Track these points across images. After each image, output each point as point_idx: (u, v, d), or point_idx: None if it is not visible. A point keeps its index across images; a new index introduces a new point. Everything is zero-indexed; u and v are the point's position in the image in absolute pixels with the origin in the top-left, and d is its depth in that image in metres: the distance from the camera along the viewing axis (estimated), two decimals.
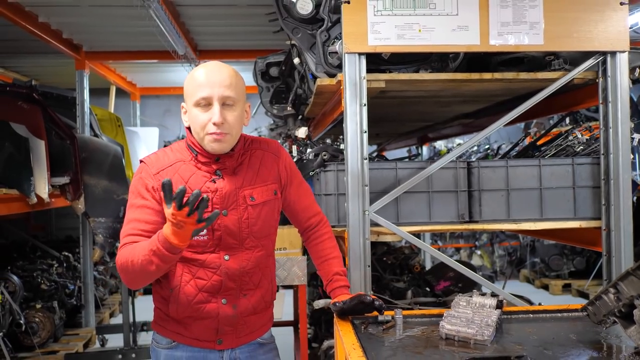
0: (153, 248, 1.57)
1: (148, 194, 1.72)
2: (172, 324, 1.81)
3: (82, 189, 4.40)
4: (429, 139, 5.98)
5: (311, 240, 2.01)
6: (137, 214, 1.71)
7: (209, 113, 1.69)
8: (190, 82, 1.73)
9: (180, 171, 1.75)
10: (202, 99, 1.69)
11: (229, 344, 1.82)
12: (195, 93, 1.70)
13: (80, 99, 5.36)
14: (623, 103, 2.50)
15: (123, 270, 1.67)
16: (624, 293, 1.43)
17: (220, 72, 1.72)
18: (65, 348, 4.69)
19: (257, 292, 1.83)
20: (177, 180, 1.71)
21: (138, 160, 6.56)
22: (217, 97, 1.69)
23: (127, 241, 1.68)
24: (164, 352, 1.83)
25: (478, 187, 2.64)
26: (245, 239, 1.78)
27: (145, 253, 1.59)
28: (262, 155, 1.86)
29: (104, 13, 4.42)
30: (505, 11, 2.42)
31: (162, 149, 1.85)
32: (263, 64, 3.74)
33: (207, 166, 1.76)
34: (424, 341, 1.68)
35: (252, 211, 1.78)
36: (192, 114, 1.72)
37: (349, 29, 2.35)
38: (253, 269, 1.80)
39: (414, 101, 3.18)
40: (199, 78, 1.71)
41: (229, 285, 1.76)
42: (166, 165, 1.75)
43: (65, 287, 5.15)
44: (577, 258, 6.80)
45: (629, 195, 2.51)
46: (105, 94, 7.25)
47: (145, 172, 1.75)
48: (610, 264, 2.53)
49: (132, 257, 1.62)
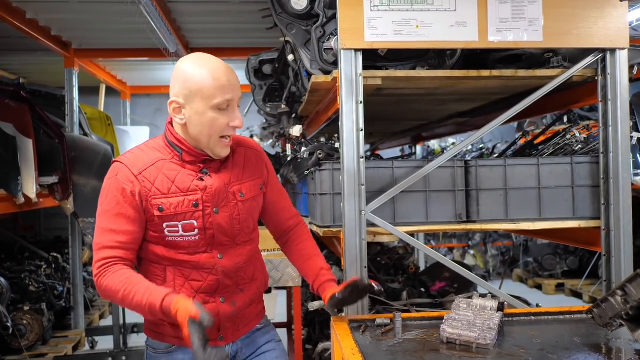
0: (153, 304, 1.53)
1: (124, 200, 1.62)
2: (169, 329, 1.74)
3: (71, 188, 4.33)
4: (423, 138, 5.95)
5: (292, 240, 1.96)
6: (112, 223, 1.62)
7: (228, 116, 1.64)
8: (209, 80, 1.61)
9: (164, 170, 1.66)
10: (226, 102, 1.62)
11: (229, 339, 1.79)
12: (216, 95, 1.61)
13: (69, 97, 5.27)
14: (623, 101, 2.47)
15: (107, 294, 1.61)
16: (632, 295, 1.39)
17: (232, 72, 1.67)
18: (54, 351, 4.61)
19: (253, 285, 1.82)
20: (162, 180, 1.64)
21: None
22: (237, 99, 1.65)
23: (105, 255, 1.60)
24: (163, 357, 1.77)
25: (476, 186, 2.59)
26: (237, 235, 1.74)
27: (142, 301, 1.55)
28: (245, 152, 1.83)
29: (93, 10, 4.34)
30: (504, 7, 2.38)
31: (137, 147, 1.74)
32: (256, 61, 3.68)
33: (192, 165, 1.69)
34: (425, 345, 1.63)
35: (242, 207, 1.75)
36: (207, 117, 1.62)
37: (345, 24, 2.30)
38: (246, 264, 1.78)
39: (410, 99, 3.14)
40: (220, 79, 1.62)
41: (226, 283, 1.73)
42: (147, 165, 1.66)
43: (54, 289, 5.06)
44: (570, 257, 6.80)
45: (628, 195, 2.48)
46: (95, 92, 7.16)
47: (123, 175, 1.64)
48: (610, 264, 2.49)
49: (124, 291, 1.56)
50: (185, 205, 1.64)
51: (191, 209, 1.65)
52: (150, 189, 1.63)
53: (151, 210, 1.63)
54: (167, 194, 1.64)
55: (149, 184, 1.63)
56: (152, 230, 1.66)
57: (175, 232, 1.65)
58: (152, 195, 1.63)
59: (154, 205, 1.63)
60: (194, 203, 1.65)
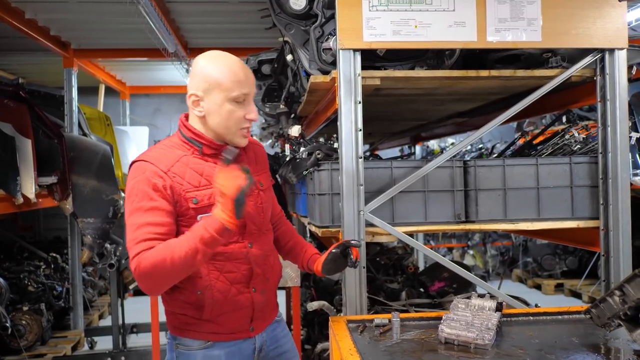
0: (203, 236, 1.55)
1: (157, 194, 1.64)
2: (204, 326, 1.76)
3: (70, 188, 4.33)
4: (422, 138, 5.94)
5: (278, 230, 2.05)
6: (149, 218, 1.61)
7: (244, 109, 1.72)
8: (227, 74, 1.69)
9: (191, 165, 1.71)
10: (243, 95, 1.70)
11: (258, 329, 1.85)
12: (234, 88, 1.69)
13: (68, 97, 5.27)
14: (621, 101, 2.46)
15: (154, 273, 1.56)
16: (630, 296, 1.39)
17: (247, 68, 1.76)
18: (53, 351, 4.61)
19: (274, 273, 1.89)
20: (192, 174, 1.70)
21: (128, 160, 6.48)
22: (252, 94, 1.75)
23: (143, 247, 1.57)
24: (200, 353, 1.76)
25: (474, 186, 2.59)
26: (262, 223, 1.84)
27: (190, 245, 1.55)
28: (253, 148, 1.93)
29: (92, 10, 4.34)
30: (502, 7, 2.38)
31: (156, 147, 1.78)
32: (255, 61, 3.68)
33: (213, 157, 1.75)
34: (423, 345, 1.63)
35: (263, 196, 1.86)
36: (225, 109, 1.70)
37: (344, 24, 2.30)
38: (270, 252, 1.88)
39: (408, 99, 3.13)
40: (238, 74, 1.70)
41: (257, 271, 1.79)
42: (173, 162, 1.70)
43: (53, 289, 5.06)
44: (569, 258, 6.80)
45: (627, 195, 2.48)
46: (94, 92, 7.15)
47: (152, 171, 1.66)
48: (609, 265, 2.49)
49: (171, 254, 1.55)
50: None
51: None
52: (182, 183, 1.67)
53: (185, 204, 1.67)
54: (198, 187, 1.69)
55: (180, 179, 1.67)
56: (185, 224, 1.67)
57: None
58: (185, 190, 1.67)
59: (189, 198, 1.67)
60: None
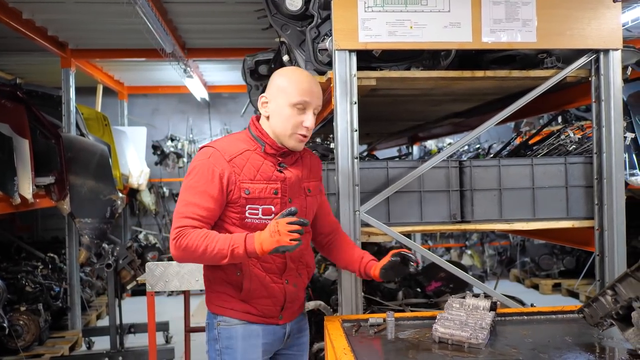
0: (235, 248, 1.73)
1: (212, 181, 1.81)
2: (240, 305, 1.93)
3: (68, 189, 4.33)
4: (420, 139, 5.96)
5: (334, 240, 2.15)
6: (197, 199, 1.81)
7: (303, 116, 1.88)
8: (293, 83, 1.87)
9: (250, 160, 1.88)
10: (303, 103, 1.86)
11: (287, 319, 2.00)
12: (297, 95, 1.86)
13: (66, 97, 5.28)
14: (616, 101, 2.48)
15: (187, 251, 1.76)
16: (622, 295, 1.40)
17: (317, 84, 1.93)
18: (51, 351, 4.61)
19: (306, 270, 2.03)
20: (249, 168, 1.86)
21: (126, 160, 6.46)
22: (315, 106, 1.90)
23: (185, 223, 1.78)
24: (240, 327, 1.94)
25: (470, 186, 2.60)
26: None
27: (223, 248, 1.74)
28: (310, 157, 2.07)
29: (90, 10, 4.34)
30: (497, 8, 2.39)
31: (225, 138, 1.96)
32: (252, 62, 3.68)
33: (272, 157, 1.91)
34: (417, 345, 1.64)
35: (309, 200, 2.00)
36: (285, 112, 1.87)
37: (339, 25, 2.31)
38: (306, 251, 2.02)
39: (405, 100, 3.14)
40: (304, 83, 1.88)
41: (291, 266, 1.95)
42: (237, 153, 1.87)
43: (51, 289, 5.06)
44: (567, 257, 6.81)
45: (622, 195, 2.49)
46: (92, 92, 7.14)
47: (215, 158, 1.84)
48: (603, 264, 2.50)
49: (205, 245, 1.74)
50: (267, 191, 1.87)
51: (272, 195, 1.87)
52: (240, 174, 1.84)
53: (238, 193, 1.83)
54: (252, 180, 1.86)
55: (239, 170, 1.84)
56: (234, 211, 1.86)
57: (255, 214, 1.86)
58: (240, 180, 1.84)
59: (242, 188, 1.84)
60: (274, 191, 1.88)
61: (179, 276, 2.76)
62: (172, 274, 2.75)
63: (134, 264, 4.38)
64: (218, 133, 8.39)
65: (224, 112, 8.53)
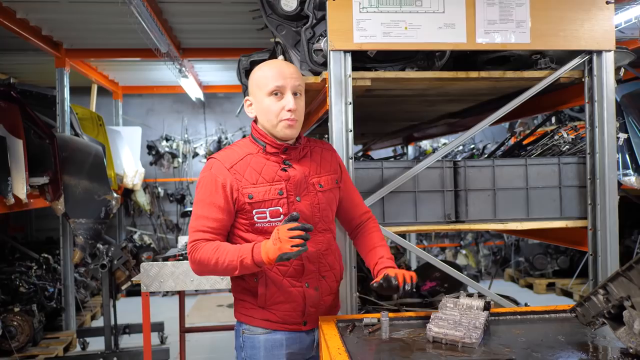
0: (243, 259, 1.73)
1: (217, 191, 1.83)
2: (259, 312, 1.91)
3: (62, 189, 4.32)
4: (415, 139, 5.97)
5: (360, 233, 2.09)
6: (205, 211, 1.84)
7: (282, 101, 1.85)
8: (262, 75, 1.88)
9: (252, 163, 1.87)
10: (276, 88, 1.84)
11: (313, 324, 1.95)
12: (268, 83, 1.85)
13: (60, 97, 5.26)
14: (609, 102, 2.49)
15: (201, 265, 1.81)
16: (614, 294, 1.41)
17: (288, 66, 1.90)
18: (45, 352, 4.59)
19: (331, 273, 1.97)
20: (251, 172, 1.85)
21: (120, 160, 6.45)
22: (290, 86, 1.85)
23: (197, 237, 1.82)
24: (263, 337, 1.92)
25: (464, 186, 2.62)
26: (317, 222, 1.92)
27: (233, 259, 1.75)
28: (321, 150, 2.02)
29: (84, 9, 4.33)
30: (491, 9, 2.40)
31: (229, 147, 1.97)
32: (247, 62, 3.67)
33: (275, 156, 1.90)
34: (411, 344, 1.64)
35: (321, 196, 1.93)
36: (265, 104, 1.86)
37: (334, 26, 2.32)
38: (327, 251, 1.95)
39: (400, 100, 3.15)
40: (271, 71, 1.87)
41: (310, 268, 1.90)
42: (238, 159, 1.87)
43: (45, 290, 5.04)
44: (561, 257, 6.84)
45: (615, 195, 2.50)
46: (86, 92, 7.12)
47: (217, 168, 1.86)
48: (596, 264, 2.52)
49: (216, 258, 1.77)
50: (271, 193, 1.84)
51: (277, 197, 1.85)
52: (241, 180, 1.84)
53: (242, 199, 1.83)
54: (255, 184, 1.84)
55: (240, 176, 1.84)
56: (243, 217, 1.86)
57: (263, 218, 1.85)
58: (242, 186, 1.84)
59: (245, 194, 1.83)
60: (279, 191, 1.85)
61: (173, 276, 2.76)
62: (167, 274, 2.75)
63: (128, 265, 4.38)
64: (213, 133, 8.39)
65: (219, 112, 8.52)
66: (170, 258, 3.09)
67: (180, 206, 8.26)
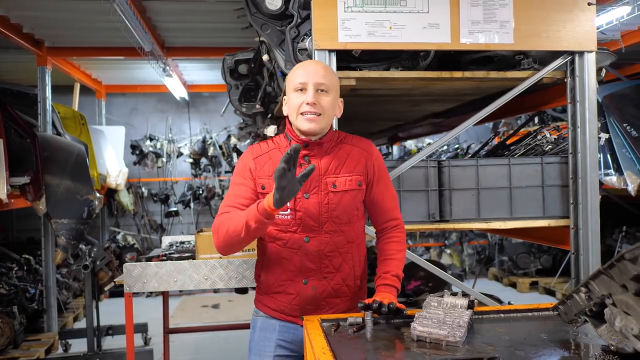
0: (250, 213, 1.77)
1: (247, 174, 1.94)
2: (263, 298, 2.03)
3: (44, 189, 4.26)
4: (400, 139, 5.99)
5: (381, 240, 2.08)
6: (237, 190, 1.94)
7: (304, 96, 1.89)
8: (291, 74, 1.94)
9: (273, 157, 1.95)
10: (299, 84, 1.89)
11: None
12: (294, 80, 1.91)
13: (42, 96, 5.19)
14: (591, 102, 2.52)
15: (218, 233, 1.87)
16: (595, 292, 1.42)
17: (315, 64, 1.95)
18: (26, 354, 4.52)
19: (337, 275, 1.96)
20: (270, 165, 1.94)
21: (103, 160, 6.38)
22: (312, 83, 1.89)
23: (225, 211, 1.91)
24: (260, 318, 2.05)
25: (449, 186, 2.63)
26: (324, 222, 1.92)
27: (243, 220, 1.78)
28: (351, 149, 2.00)
29: (66, 7, 4.27)
30: (475, 9, 2.42)
31: (268, 140, 2.06)
32: (232, 61, 3.67)
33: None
34: (395, 343, 1.64)
35: (332, 197, 1.92)
36: (290, 99, 1.92)
37: (319, 25, 2.32)
38: (332, 253, 1.94)
39: (384, 100, 3.16)
40: (299, 69, 1.93)
41: (309, 266, 1.93)
42: (263, 152, 1.98)
43: (26, 291, 4.97)
44: (543, 256, 6.91)
45: (596, 194, 2.53)
46: (69, 91, 7.03)
47: (246, 155, 2.00)
48: (578, 262, 2.55)
49: (227, 225, 1.83)
50: None
51: None
52: (260, 170, 1.94)
53: (257, 188, 1.93)
54: (270, 176, 1.91)
55: (260, 167, 1.95)
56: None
57: None
58: (259, 176, 1.94)
59: (259, 184, 1.93)
60: None
61: (157, 277, 2.73)
62: (150, 274, 2.72)
63: (111, 265, 4.33)
64: (197, 133, 8.34)
65: (203, 112, 8.47)
66: (154, 258, 3.06)
67: (164, 206, 8.20)
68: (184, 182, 8.35)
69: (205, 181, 8.27)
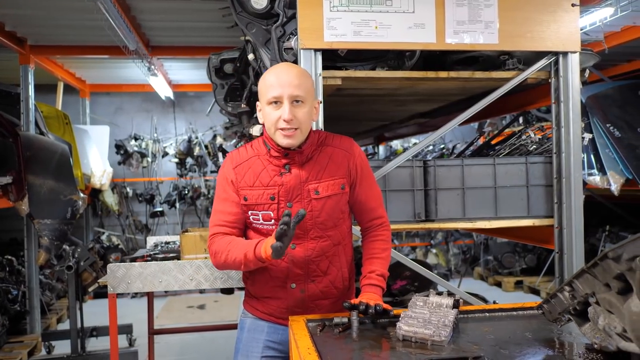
0: (247, 253, 1.79)
1: (229, 187, 1.92)
2: (252, 301, 2.05)
3: (26, 189, 4.20)
4: (386, 138, 6.00)
5: (366, 239, 2.07)
6: (221, 206, 1.94)
7: (279, 110, 1.82)
8: (263, 83, 1.87)
9: (253, 166, 1.91)
10: (273, 98, 1.82)
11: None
12: (267, 93, 1.84)
13: (24, 95, 5.12)
14: (574, 103, 2.54)
15: (216, 257, 1.89)
16: (579, 291, 1.43)
17: (288, 72, 1.84)
18: (9, 357, 4.46)
19: (325, 278, 1.97)
20: (250, 175, 1.90)
21: (88, 159, 6.33)
22: (287, 95, 1.81)
23: (215, 231, 1.92)
24: (249, 319, 2.06)
25: (434, 186, 2.64)
26: (310, 229, 1.91)
27: (240, 254, 1.81)
28: (332, 152, 1.95)
29: (49, 5, 4.22)
30: (461, 10, 2.42)
31: (247, 144, 2.00)
32: (217, 60, 3.64)
33: (277, 160, 1.90)
34: (381, 343, 1.64)
35: (316, 204, 1.90)
36: (265, 112, 1.86)
37: (305, 24, 2.31)
38: (319, 258, 1.94)
39: (370, 99, 3.16)
40: (270, 79, 1.85)
41: (296, 271, 1.93)
42: (243, 160, 1.93)
43: (8, 293, 4.90)
44: (528, 255, 6.97)
45: (580, 194, 2.56)
46: (52, 90, 6.94)
47: (226, 165, 1.96)
48: (562, 261, 2.57)
49: (227, 251, 1.85)
50: (264, 197, 1.88)
51: (268, 201, 1.88)
52: (241, 181, 1.91)
53: (240, 199, 1.91)
54: (251, 187, 1.90)
55: (240, 177, 1.91)
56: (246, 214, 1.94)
57: (257, 219, 1.91)
58: (241, 187, 1.91)
59: (241, 195, 1.91)
60: (271, 196, 1.88)
61: (141, 278, 2.70)
62: (135, 275, 2.69)
63: (95, 266, 4.28)
64: (183, 132, 8.29)
65: (189, 111, 8.42)
66: (139, 259, 3.03)
67: (149, 206, 8.14)
68: (170, 182, 8.30)
69: (191, 181, 8.22)
